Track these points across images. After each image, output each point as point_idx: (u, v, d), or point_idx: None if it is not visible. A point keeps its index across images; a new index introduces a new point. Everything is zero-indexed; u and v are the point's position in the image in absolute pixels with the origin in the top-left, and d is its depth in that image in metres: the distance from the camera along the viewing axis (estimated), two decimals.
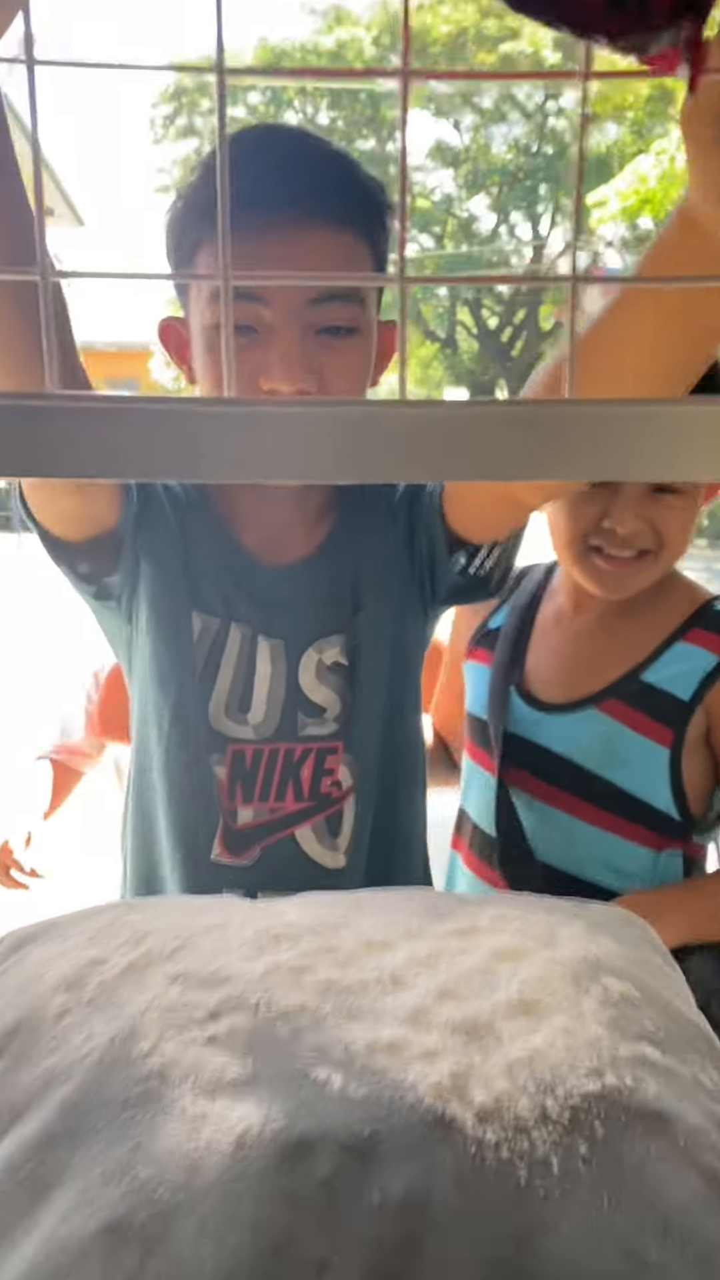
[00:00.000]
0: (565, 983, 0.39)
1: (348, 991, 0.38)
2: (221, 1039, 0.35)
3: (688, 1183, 0.30)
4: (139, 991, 0.39)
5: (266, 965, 0.39)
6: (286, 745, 0.79)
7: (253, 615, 0.79)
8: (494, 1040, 0.35)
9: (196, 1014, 0.37)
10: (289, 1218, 0.28)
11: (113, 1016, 0.38)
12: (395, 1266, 0.27)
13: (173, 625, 0.78)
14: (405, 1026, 0.36)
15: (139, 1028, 0.37)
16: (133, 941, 0.43)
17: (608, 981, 0.40)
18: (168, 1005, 0.38)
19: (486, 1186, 0.29)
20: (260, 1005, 0.37)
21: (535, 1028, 0.36)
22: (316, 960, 0.40)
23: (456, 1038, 0.35)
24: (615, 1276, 0.27)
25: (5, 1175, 0.32)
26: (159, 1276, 0.27)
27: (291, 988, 0.38)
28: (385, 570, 0.80)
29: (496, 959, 0.41)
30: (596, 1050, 0.35)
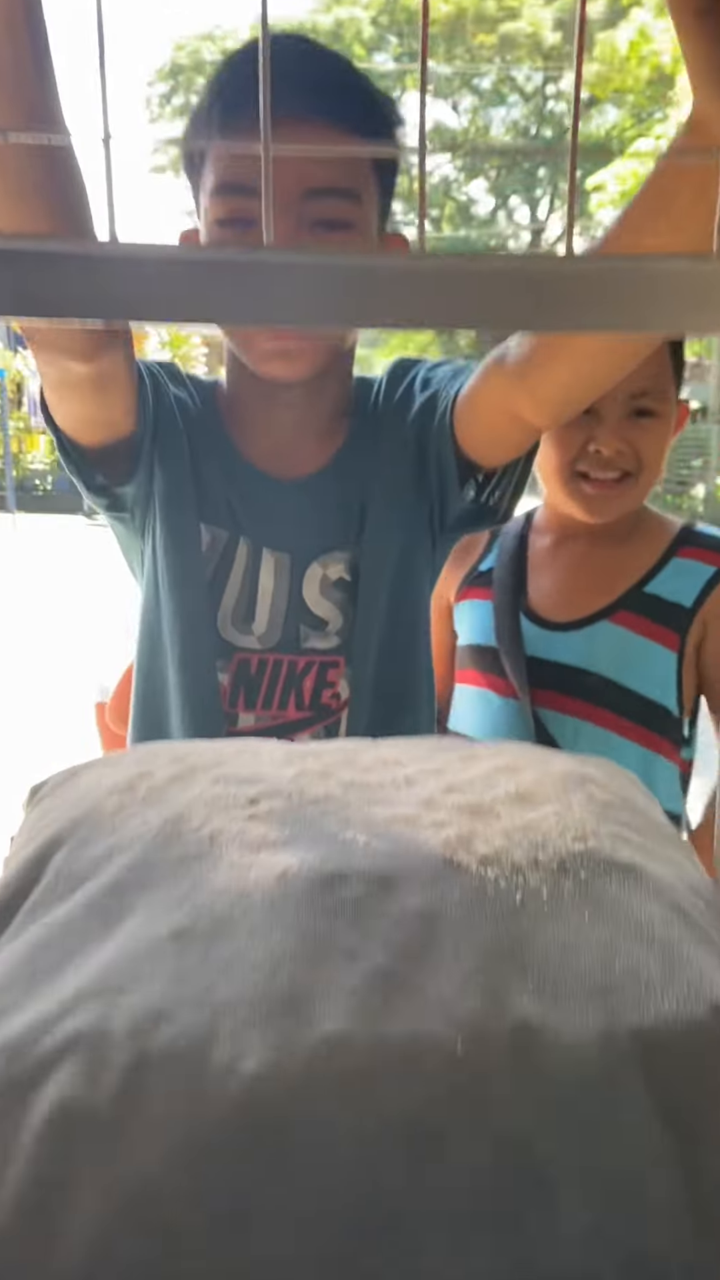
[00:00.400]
0: (556, 786, 0.45)
1: (368, 788, 0.44)
2: (261, 816, 0.41)
3: (656, 909, 0.36)
4: (186, 790, 0.45)
5: (296, 770, 0.45)
6: (290, 657, 0.83)
7: (258, 528, 0.83)
8: (494, 817, 0.41)
9: (238, 801, 0.43)
10: (324, 923, 0.34)
11: (164, 807, 0.43)
12: (413, 951, 0.33)
13: (183, 537, 0.82)
14: (418, 808, 0.42)
15: (188, 812, 0.42)
16: (175, 760, 0.49)
17: (593, 789, 0.46)
18: (212, 797, 0.43)
19: (488, 904, 0.35)
20: (293, 795, 0.43)
21: (530, 811, 0.42)
22: (340, 768, 0.46)
23: (462, 815, 0.41)
24: (594, 960, 0.33)
25: (81, 910, 0.38)
26: (218, 961, 0.33)
27: (319, 784, 0.44)
28: (393, 490, 0.83)
29: (498, 772, 0.47)
30: (581, 826, 0.41)
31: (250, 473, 0.84)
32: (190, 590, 0.83)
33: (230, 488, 0.83)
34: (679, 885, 0.39)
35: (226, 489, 0.83)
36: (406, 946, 0.33)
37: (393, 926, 0.34)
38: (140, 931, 0.35)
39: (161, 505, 0.83)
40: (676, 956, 0.34)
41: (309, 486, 0.84)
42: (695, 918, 0.37)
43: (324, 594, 0.84)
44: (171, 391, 0.84)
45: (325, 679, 0.84)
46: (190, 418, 0.84)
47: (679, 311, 0.39)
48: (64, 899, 0.40)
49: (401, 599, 0.86)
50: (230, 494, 0.83)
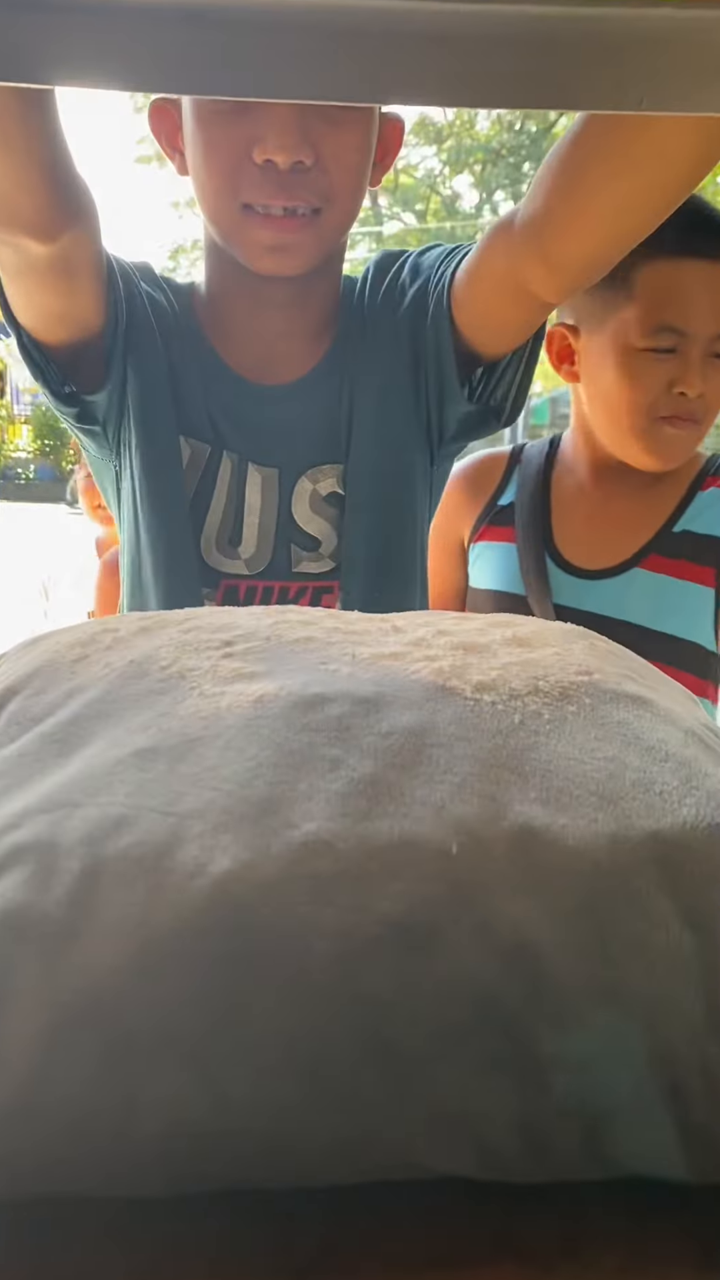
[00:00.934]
0: (556, 634, 0.42)
1: (352, 633, 0.41)
2: (237, 655, 0.38)
3: (670, 731, 0.33)
4: (153, 639, 0.41)
5: (274, 620, 0.42)
6: (281, 583, 0.78)
7: (243, 441, 0.77)
8: (490, 654, 0.38)
9: (211, 644, 0.39)
10: (305, 738, 0.31)
11: (129, 651, 0.40)
12: (403, 761, 0.30)
13: (161, 452, 0.76)
14: (407, 647, 0.38)
15: (156, 654, 0.39)
16: (144, 618, 0.45)
17: (595, 640, 0.43)
18: (183, 641, 0.40)
19: (485, 722, 0.32)
20: (271, 638, 0.39)
21: (528, 652, 0.39)
22: (323, 619, 0.43)
23: (455, 651, 0.38)
24: (598, 771, 0.30)
25: (35, 742, 0.34)
26: (186, 775, 0.30)
27: (299, 630, 0.41)
28: (386, 393, 0.78)
29: (493, 625, 0.43)
30: (585, 663, 0.38)
31: (233, 380, 0.78)
32: (171, 511, 0.77)
33: (211, 397, 0.78)
34: (689, 719, 0.36)
35: (207, 398, 0.78)
36: (395, 756, 0.30)
37: (379, 740, 0.31)
38: (101, 754, 0.32)
39: (136, 415, 0.77)
40: (694, 772, 0.31)
41: (295, 393, 0.79)
42: (711, 743, 0.34)
43: (315, 510, 0.78)
44: (144, 290, 0.78)
45: (320, 604, 0.79)
46: (166, 320, 0.79)
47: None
48: (19, 737, 0.36)
49: (396, 515, 0.80)
50: (211, 404, 0.78)
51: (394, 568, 0.80)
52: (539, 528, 0.94)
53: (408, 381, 0.78)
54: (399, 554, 0.81)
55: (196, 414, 0.78)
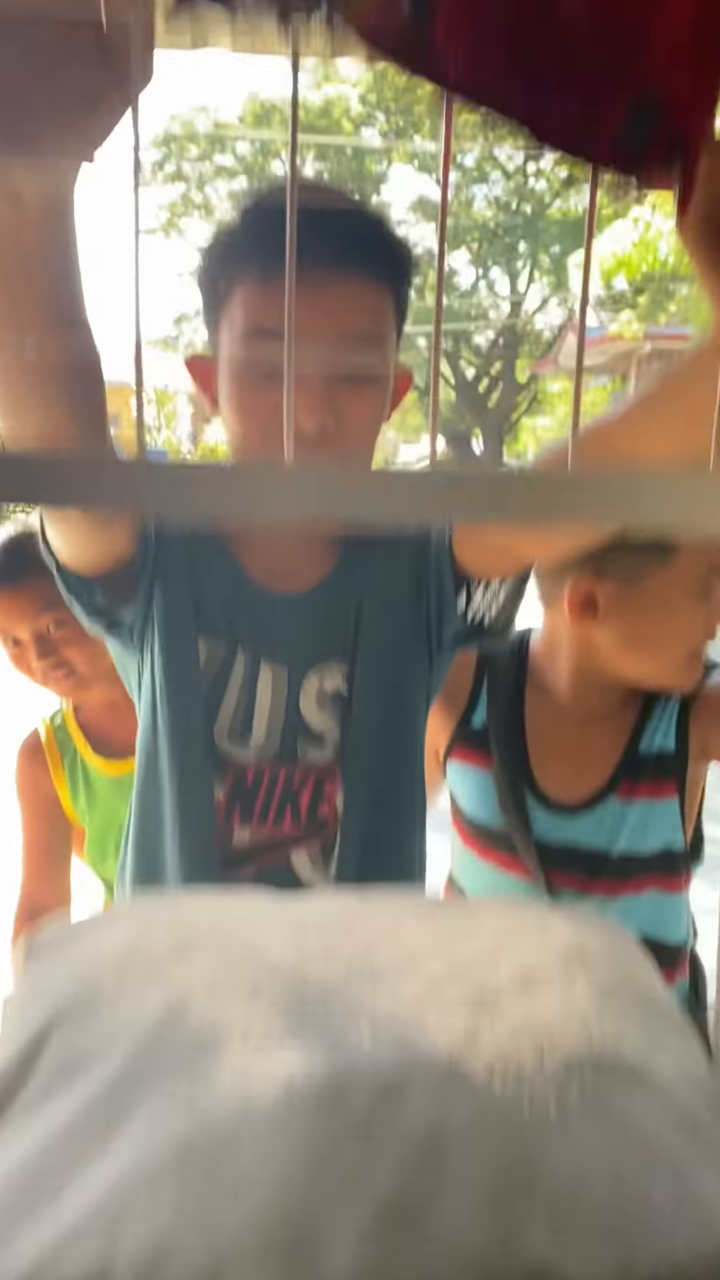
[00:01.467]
0: (558, 965, 0.45)
1: (371, 973, 0.44)
2: (264, 1004, 0.41)
3: (662, 1120, 0.36)
4: (186, 964, 0.44)
5: (297, 950, 0.45)
6: (286, 769, 0.83)
7: (256, 641, 0.84)
8: (498, 1010, 0.41)
9: (240, 987, 0.42)
10: (329, 1142, 0.34)
11: (163, 986, 0.43)
12: (421, 1178, 0.33)
13: (181, 651, 0.82)
14: (423, 996, 0.42)
15: (189, 996, 0.42)
16: (174, 926, 0.48)
17: (600, 970, 0.46)
18: (213, 979, 0.43)
19: (495, 1116, 0.35)
20: (294, 983, 0.43)
21: (533, 999, 0.42)
22: (340, 942, 0.46)
23: (467, 1007, 0.41)
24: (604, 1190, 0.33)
25: (81, 1113, 0.37)
26: (224, 1184, 0.32)
27: (321, 968, 0.44)
28: (390, 604, 0.85)
29: (498, 949, 0.47)
30: (585, 1018, 0.41)
31: (253, 588, 0.85)
32: (187, 704, 0.83)
33: (230, 602, 0.85)
34: (682, 1085, 0.39)
35: (227, 603, 0.84)
36: (415, 1172, 0.33)
37: (399, 1144, 0.34)
38: (141, 1145, 0.35)
39: (161, 622, 0.83)
40: (685, 1184, 0.34)
41: (310, 600, 0.86)
42: (702, 1125, 0.37)
43: (321, 706, 0.84)
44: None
45: (323, 792, 0.84)
46: (190, 537, 0.85)
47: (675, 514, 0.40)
48: (62, 1091, 0.39)
49: (397, 712, 0.86)
50: (231, 607, 0.84)
51: (393, 761, 0.86)
52: (515, 761, 0.95)
53: (409, 596, 0.86)
54: (398, 749, 0.87)
55: (216, 618, 0.85)
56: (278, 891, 0.84)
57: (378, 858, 0.84)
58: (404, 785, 0.87)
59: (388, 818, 0.85)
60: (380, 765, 0.84)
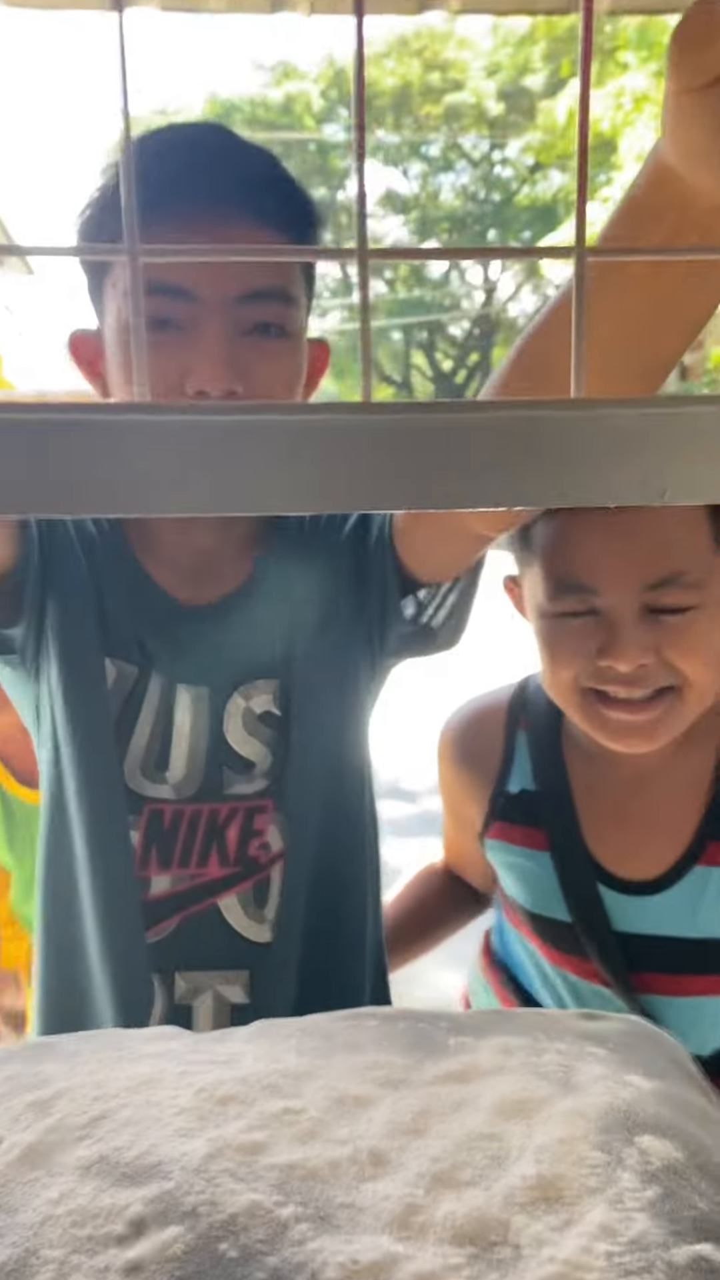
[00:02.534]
0: (592, 1148, 0.30)
1: (314, 1179, 0.29)
2: (146, 1268, 0.26)
3: None
4: (39, 1188, 0.30)
5: (209, 1145, 0.30)
6: (211, 805, 0.71)
7: (171, 660, 0.71)
8: (510, 1252, 0.27)
9: (114, 1228, 0.28)
10: None
11: (2, 1229, 0.28)
12: None
13: (84, 676, 0.70)
14: (392, 1235, 0.27)
15: (34, 1249, 0.27)
16: (39, 1107, 0.34)
17: (645, 1142, 0.31)
18: (77, 1212, 0.28)
19: None
20: (200, 1210, 0.28)
21: (562, 1226, 0.27)
22: (274, 1133, 0.31)
23: (460, 1251, 0.26)
24: None
25: None
26: None
27: (241, 1178, 0.29)
28: (326, 609, 0.72)
29: (502, 1116, 0.32)
30: (646, 1259, 0.26)
31: (161, 599, 0.72)
32: (94, 737, 0.70)
33: (138, 617, 0.71)
34: None
35: (134, 619, 0.71)
36: None
37: None
38: None
39: (57, 642, 0.70)
40: None
41: (226, 608, 0.72)
42: None
43: (249, 730, 0.72)
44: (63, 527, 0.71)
45: (252, 827, 0.71)
46: (88, 537, 0.72)
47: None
48: None
49: (340, 732, 0.74)
50: (138, 624, 0.71)
51: (337, 787, 0.74)
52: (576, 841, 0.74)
53: (348, 599, 0.73)
54: (341, 773, 0.74)
55: (124, 635, 0.71)
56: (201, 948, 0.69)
57: (323, 899, 0.72)
58: (351, 814, 0.74)
59: (334, 852, 0.73)
60: (322, 793, 0.72)
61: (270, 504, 0.24)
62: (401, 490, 0.25)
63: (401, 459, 0.25)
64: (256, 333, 0.63)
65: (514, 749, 0.79)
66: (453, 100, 17.24)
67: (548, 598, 0.69)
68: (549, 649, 0.70)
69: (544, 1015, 0.41)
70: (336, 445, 0.24)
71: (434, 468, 0.25)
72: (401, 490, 0.25)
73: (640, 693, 0.67)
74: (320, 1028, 0.39)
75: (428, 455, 0.25)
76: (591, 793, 0.76)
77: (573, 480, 0.25)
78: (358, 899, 0.75)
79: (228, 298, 0.62)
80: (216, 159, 0.64)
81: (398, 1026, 0.39)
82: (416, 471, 0.25)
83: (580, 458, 0.25)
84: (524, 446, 0.25)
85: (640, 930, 0.73)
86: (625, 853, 0.74)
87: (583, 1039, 0.38)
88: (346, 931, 0.74)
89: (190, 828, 0.71)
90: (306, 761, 0.71)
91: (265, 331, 0.63)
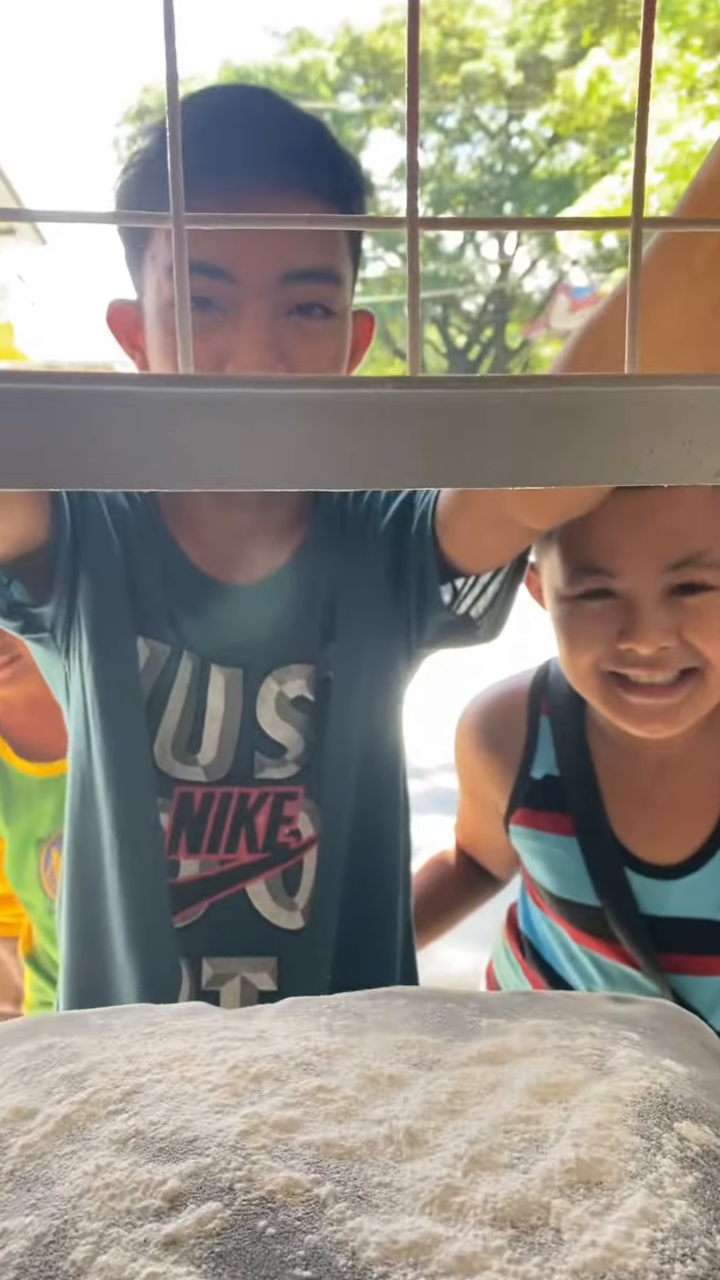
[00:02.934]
0: (630, 1133, 0.30)
1: (351, 1157, 0.29)
2: (184, 1243, 0.26)
3: None
4: (76, 1161, 0.30)
5: (245, 1121, 0.30)
6: (241, 789, 0.70)
7: (204, 640, 0.70)
8: (551, 1235, 0.26)
9: (152, 1202, 0.28)
10: None
11: (39, 1201, 0.28)
12: None
13: (115, 654, 0.69)
14: (431, 1216, 0.27)
15: (73, 1221, 0.27)
16: (71, 1080, 0.33)
17: (683, 1127, 0.31)
18: (113, 1186, 0.28)
19: None
20: (237, 1187, 0.28)
21: (603, 1211, 0.27)
22: (309, 1111, 0.31)
23: (501, 1234, 0.26)
24: None
25: None
26: None
27: (277, 1155, 0.29)
28: (365, 595, 0.71)
29: (538, 1098, 0.32)
30: (689, 1246, 0.26)
31: (195, 577, 0.70)
32: (125, 716, 0.69)
33: (172, 595, 0.70)
34: None
35: (166, 596, 0.70)
36: None
37: None
38: None
39: (88, 619, 0.69)
40: None
41: (263, 590, 0.71)
42: None
43: (282, 714, 0.70)
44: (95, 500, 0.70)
45: (282, 813, 0.70)
46: (121, 512, 0.70)
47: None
48: None
49: (374, 720, 0.72)
50: (172, 602, 0.70)
51: (370, 775, 0.72)
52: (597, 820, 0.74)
53: (387, 586, 0.71)
54: (375, 761, 0.72)
55: (156, 613, 0.70)
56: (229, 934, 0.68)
57: (356, 886, 0.71)
58: (384, 802, 0.73)
59: (367, 839, 0.72)
60: (355, 780, 0.71)
61: (313, 479, 0.24)
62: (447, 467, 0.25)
63: (448, 435, 0.24)
64: (299, 313, 0.61)
65: (537, 734, 0.79)
66: (470, 69, 16.97)
67: (566, 581, 0.68)
68: (568, 634, 0.69)
69: (574, 998, 0.41)
70: (382, 420, 0.24)
71: (481, 444, 0.24)
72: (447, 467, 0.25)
73: (662, 676, 0.66)
74: (350, 1006, 0.39)
75: (475, 431, 0.24)
76: (616, 777, 0.75)
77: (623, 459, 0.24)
78: (390, 886, 0.74)
79: (271, 278, 0.59)
80: (267, 127, 0.61)
81: (427, 1006, 0.39)
82: (463, 448, 0.24)
83: (632, 435, 0.24)
84: (574, 423, 0.24)
85: (667, 913, 0.72)
86: (651, 836, 0.74)
87: (615, 1022, 0.38)
88: (378, 919, 0.73)
89: (220, 811, 0.70)
90: (339, 748, 0.70)
91: (309, 312, 0.61)
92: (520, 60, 16.64)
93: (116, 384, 0.22)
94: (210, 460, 0.23)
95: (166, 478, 0.23)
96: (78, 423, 0.22)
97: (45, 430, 0.22)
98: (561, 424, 0.24)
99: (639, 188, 0.25)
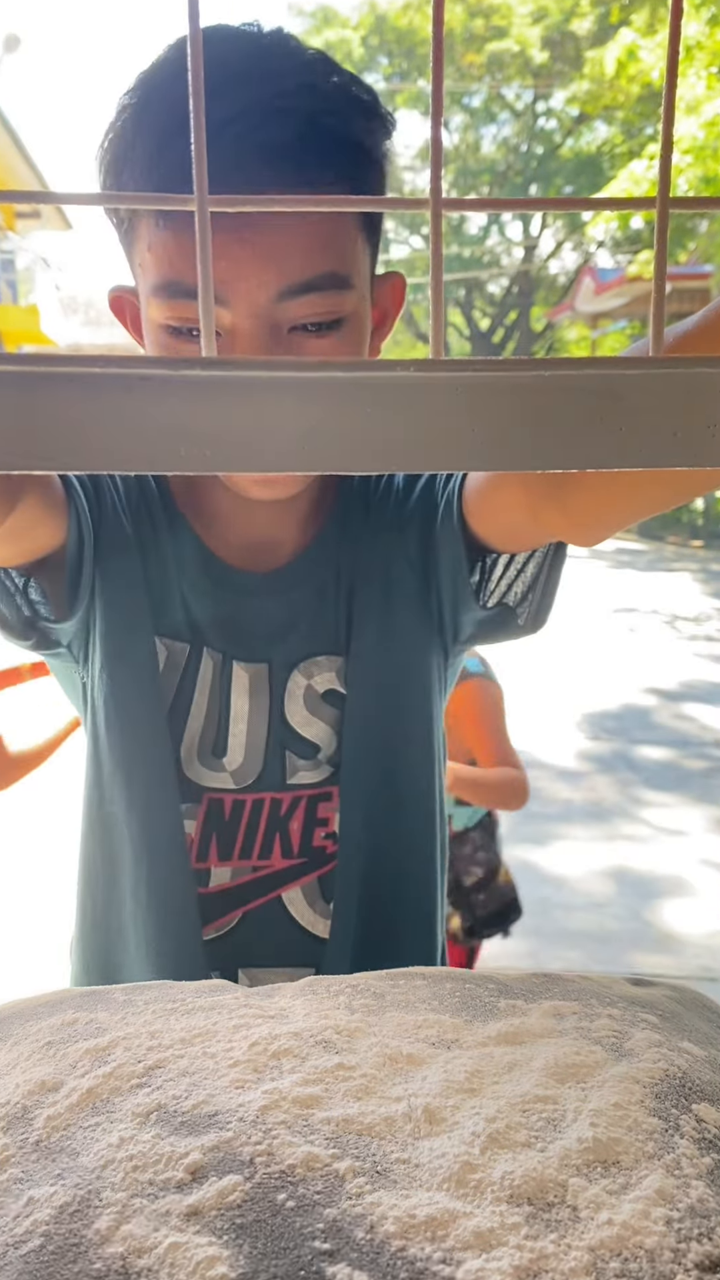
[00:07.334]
0: (648, 1114, 0.30)
1: (370, 1134, 0.30)
2: (205, 1214, 0.27)
3: None
4: (100, 1133, 0.30)
5: (265, 1096, 0.31)
6: (273, 795, 0.66)
7: (224, 636, 0.66)
8: (568, 1213, 0.27)
9: (174, 1174, 0.28)
10: None
11: (64, 1171, 0.29)
12: None
13: (132, 656, 0.65)
14: (449, 1192, 0.27)
15: (96, 1191, 0.28)
16: (95, 1054, 0.34)
17: (701, 1109, 0.31)
18: (136, 1158, 0.29)
19: None
20: (257, 1160, 0.28)
21: (620, 1190, 0.27)
22: (328, 1088, 0.31)
23: (518, 1211, 0.27)
24: None
25: None
26: None
27: (297, 1130, 0.29)
28: (390, 582, 0.67)
29: (555, 1079, 0.32)
30: (706, 1226, 0.26)
31: (212, 565, 0.67)
32: (143, 721, 0.65)
33: (189, 586, 0.67)
34: None
35: (184, 587, 0.67)
36: None
37: None
38: None
39: (104, 621, 0.65)
40: None
41: (284, 579, 0.67)
42: None
43: (312, 710, 0.67)
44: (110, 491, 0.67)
45: (316, 816, 0.67)
46: (134, 505, 0.67)
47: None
48: None
49: (405, 714, 0.68)
50: (188, 594, 0.67)
51: (404, 773, 0.68)
52: None
53: (415, 576, 0.67)
54: (408, 758, 0.69)
55: (172, 609, 0.66)
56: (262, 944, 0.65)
57: (385, 892, 0.67)
58: (418, 802, 0.69)
59: (397, 843, 0.68)
60: (387, 779, 0.67)
61: (335, 462, 0.24)
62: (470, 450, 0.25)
63: (471, 418, 0.24)
64: (302, 330, 0.55)
65: None
66: (496, 48, 16.74)
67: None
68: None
69: (592, 980, 0.41)
70: (405, 402, 0.24)
71: (504, 427, 0.24)
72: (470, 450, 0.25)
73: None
74: (370, 986, 0.39)
75: (498, 414, 0.24)
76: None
77: (647, 442, 0.24)
78: (428, 888, 0.71)
79: (264, 299, 0.54)
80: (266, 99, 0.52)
81: (445, 987, 0.39)
82: (486, 431, 0.24)
83: (657, 418, 0.24)
84: (598, 407, 0.24)
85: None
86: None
87: (633, 1005, 0.38)
88: (416, 922, 0.70)
89: (251, 818, 0.66)
90: (371, 744, 0.66)
91: (315, 329, 0.55)
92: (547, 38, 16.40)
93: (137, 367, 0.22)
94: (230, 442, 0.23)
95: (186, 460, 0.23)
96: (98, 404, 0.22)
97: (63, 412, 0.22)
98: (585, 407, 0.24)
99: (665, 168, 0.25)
